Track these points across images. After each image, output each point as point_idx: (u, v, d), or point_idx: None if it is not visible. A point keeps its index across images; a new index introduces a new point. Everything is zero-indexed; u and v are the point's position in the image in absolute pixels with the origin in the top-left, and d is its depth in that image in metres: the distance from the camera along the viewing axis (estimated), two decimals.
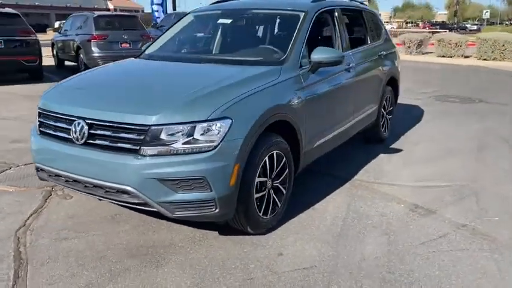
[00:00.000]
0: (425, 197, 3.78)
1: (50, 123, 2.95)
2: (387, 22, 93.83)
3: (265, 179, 3.00)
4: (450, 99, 8.36)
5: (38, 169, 3.06)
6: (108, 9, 71.30)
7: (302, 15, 3.74)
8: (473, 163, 4.66)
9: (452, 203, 3.66)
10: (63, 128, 2.85)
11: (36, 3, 73.32)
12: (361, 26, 4.89)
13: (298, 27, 3.61)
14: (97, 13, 12.20)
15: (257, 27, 4.17)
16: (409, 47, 18.08)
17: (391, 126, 5.72)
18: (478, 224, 3.27)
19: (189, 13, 4.47)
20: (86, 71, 3.71)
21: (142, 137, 2.56)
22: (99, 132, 2.68)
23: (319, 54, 3.41)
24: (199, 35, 4.41)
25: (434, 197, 3.78)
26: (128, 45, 11.12)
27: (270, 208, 3.09)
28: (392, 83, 5.39)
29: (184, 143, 2.55)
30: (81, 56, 11.21)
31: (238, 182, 2.69)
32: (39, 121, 3.07)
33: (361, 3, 5.25)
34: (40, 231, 3.14)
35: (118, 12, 13.86)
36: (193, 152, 2.56)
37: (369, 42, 4.92)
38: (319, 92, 3.55)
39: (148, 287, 2.49)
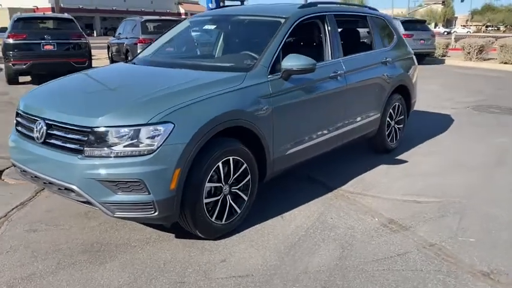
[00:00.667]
0: (405, 212, 3.60)
1: (23, 123, 3.18)
2: (464, 26, 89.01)
3: (220, 184, 3.02)
4: (490, 110, 7.82)
5: (13, 165, 3.30)
6: (180, 14, 74.27)
7: (282, 21, 3.72)
8: (478, 180, 4.35)
9: (432, 220, 3.45)
10: (29, 127, 3.05)
11: (81, 6, 77.97)
12: (363, 32, 4.74)
13: (274, 34, 3.59)
14: (145, 18, 12.78)
15: (241, 33, 4.19)
16: (468, 52, 17.07)
17: (407, 136, 5.51)
18: (448, 244, 3.07)
19: (185, 19, 4.60)
20: (69, 75, 3.92)
21: (86, 139, 2.68)
22: (54, 132, 2.85)
23: (290, 62, 3.37)
24: (188, 40, 4.50)
25: (416, 212, 3.59)
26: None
27: (226, 214, 3.10)
28: (403, 91, 5.16)
29: (125, 146, 2.64)
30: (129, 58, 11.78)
31: (180, 185, 2.74)
32: (15, 120, 3.31)
33: (371, 8, 5.09)
34: (17, 222, 3.38)
35: (166, 17, 14.30)
36: (133, 155, 2.64)
37: (374, 49, 4.76)
38: (293, 100, 3.51)
39: (83, 281, 2.61)
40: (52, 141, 2.85)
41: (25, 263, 2.80)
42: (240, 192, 3.20)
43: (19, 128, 3.22)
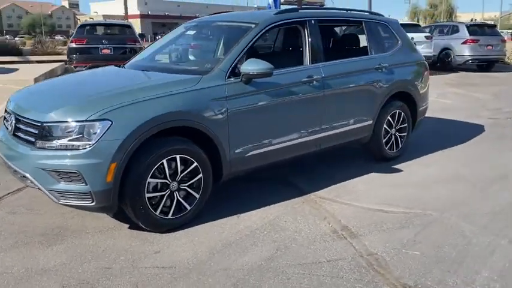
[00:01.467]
0: (365, 220, 3.52)
1: (6, 118, 3.59)
2: None
3: (165, 180, 3.20)
4: None
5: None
6: None
7: (252, 27, 3.82)
8: (465, 194, 4.10)
9: (388, 230, 3.35)
10: (8, 120, 3.45)
11: (166, 13, 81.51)
12: (355, 37, 4.67)
13: (240, 39, 3.70)
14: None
15: (218, 39, 4.34)
16: None
17: (418, 145, 5.37)
18: (389, 255, 2.98)
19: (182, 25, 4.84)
20: (61, 76, 4.32)
21: (37, 132, 3.00)
22: (19, 126, 3.21)
23: (248, 66, 3.46)
24: (177, 44, 4.72)
25: (376, 221, 3.50)
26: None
27: (173, 209, 3.27)
28: (406, 98, 5.00)
29: (68, 140, 2.92)
30: None
31: (117, 179, 2.96)
32: (3, 115, 3.74)
33: (372, 13, 4.99)
34: (4, 205, 3.81)
35: None
36: (73, 149, 2.91)
37: (368, 54, 4.68)
38: (253, 103, 3.59)
39: (26, 260, 2.91)
40: (18, 133, 3.21)
41: None
42: (190, 190, 3.35)
43: (4, 122, 3.64)
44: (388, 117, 4.83)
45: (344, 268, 2.82)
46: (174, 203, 3.28)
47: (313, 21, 4.20)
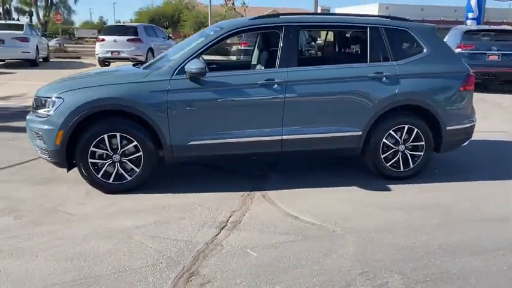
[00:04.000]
0: (267, 221, 3.61)
1: None
2: None
3: (106, 151, 4.04)
4: None
5: None
6: None
7: (218, 30, 4.26)
8: (403, 218, 3.60)
9: (270, 232, 3.40)
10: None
11: (442, 18, 76.74)
12: (355, 44, 4.46)
13: (199, 42, 4.21)
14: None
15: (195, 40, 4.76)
16: None
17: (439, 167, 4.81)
18: (233, 249, 3.13)
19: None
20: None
21: (33, 103, 4.26)
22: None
23: (189, 65, 3.98)
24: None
25: (274, 224, 3.54)
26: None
27: (113, 176, 4.09)
28: (424, 113, 4.47)
29: (42, 110, 4.08)
30: None
31: (64, 143, 3.94)
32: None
33: (392, 18, 4.60)
34: (9, 173, 5.12)
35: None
36: (41, 117, 4.05)
37: (368, 61, 4.42)
38: (195, 98, 4.07)
39: None
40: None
41: None
42: (130, 164, 4.11)
43: None
44: (391, 132, 4.44)
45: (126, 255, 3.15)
46: (114, 171, 4.09)
47: (292, 27, 4.30)
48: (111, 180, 4.11)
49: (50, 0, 28.43)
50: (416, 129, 4.48)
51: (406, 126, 4.46)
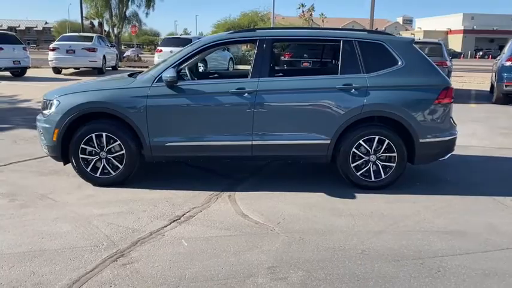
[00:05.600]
0: (217, 217, 3.94)
1: None
2: None
3: (93, 149, 4.60)
4: None
5: None
6: None
7: (196, 43, 4.69)
8: (361, 227, 3.73)
9: (211, 226, 3.73)
10: None
11: (495, 28, 71.55)
12: (324, 57, 4.65)
13: (179, 53, 4.66)
14: None
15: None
16: None
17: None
18: (163, 238, 3.51)
19: None
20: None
21: (41, 106, 4.95)
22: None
23: (165, 74, 4.44)
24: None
25: (221, 220, 3.86)
26: None
27: (100, 171, 4.65)
28: (396, 125, 4.55)
29: (45, 111, 4.74)
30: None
31: (59, 140, 4.55)
32: None
33: (370, 32, 4.73)
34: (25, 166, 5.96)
35: None
36: (44, 116, 4.71)
37: (338, 73, 4.59)
38: (171, 103, 4.50)
39: None
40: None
41: None
42: (114, 160, 4.63)
43: None
44: (361, 142, 4.57)
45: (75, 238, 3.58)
46: (101, 166, 4.64)
47: (266, 40, 4.61)
48: (98, 174, 4.65)
49: (124, 14, 30.68)
50: (387, 140, 4.56)
51: (377, 137, 4.56)
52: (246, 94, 4.49)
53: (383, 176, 4.65)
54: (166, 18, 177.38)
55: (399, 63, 4.60)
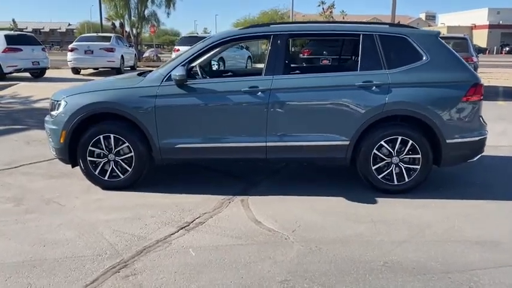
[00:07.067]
0: (228, 224, 3.72)
1: None
2: None
3: (102, 151, 4.42)
4: None
5: None
6: None
7: (207, 40, 4.46)
8: (382, 235, 3.44)
9: (221, 234, 3.51)
10: None
11: None
12: (343, 52, 4.36)
13: (189, 50, 4.44)
14: None
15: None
16: None
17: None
18: (169, 245, 3.30)
19: None
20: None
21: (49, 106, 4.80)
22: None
23: (174, 72, 4.22)
24: None
25: (233, 228, 3.64)
26: None
27: (108, 174, 4.47)
28: (421, 124, 4.25)
29: (53, 111, 4.58)
30: None
31: (66, 142, 4.38)
32: None
33: (391, 25, 4.43)
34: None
35: None
36: (52, 117, 4.55)
37: (358, 70, 4.30)
38: (181, 103, 4.28)
39: None
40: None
41: None
42: (122, 163, 4.45)
43: None
44: (382, 143, 4.27)
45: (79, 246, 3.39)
46: (109, 169, 4.46)
47: (280, 36, 4.35)
48: (106, 177, 4.48)
49: (142, 14, 30.78)
50: (411, 141, 4.25)
51: (400, 138, 4.25)
52: (260, 93, 4.24)
53: (406, 180, 4.34)
54: (186, 18, 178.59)
55: (424, 58, 4.28)
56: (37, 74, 16.01)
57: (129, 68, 19.61)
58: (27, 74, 16.04)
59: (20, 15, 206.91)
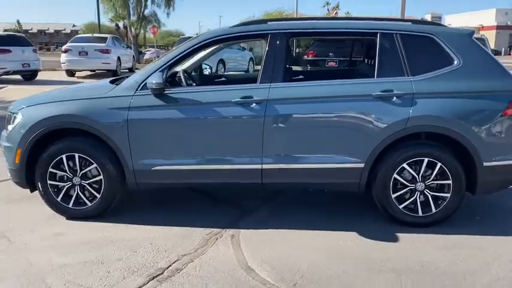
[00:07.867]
0: (210, 268, 2.95)
1: None
2: None
3: (65, 173, 3.67)
4: None
5: None
6: None
7: (192, 40, 3.70)
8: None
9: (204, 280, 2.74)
10: None
11: None
12: (355, 55, 3.59)
13: (170, 53, 3.67)
14: None
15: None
16: None
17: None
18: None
19: None
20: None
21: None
22: None
23: (150, 79, 3.46)
24: None
25: (213, 273, 2.88)
26: None
27: (73, 201, 3.70)
28: (448, 142, 3.48)
29: (9, 126, 3.82)
30: None
31: (23, 162, 3.62)
32: None
33: (415, 22, 3.65)
34: None
35: None
36: (7, 133, 3.78)
37: (375, 76, 3.53)
38: (161, 117, 3.52)
39: None
40: None
41: None
42: (89, 188, 3.69)
43: None
44: (405, 165, 3.49)
45: None
46: (74, 195, 3.70)
47: (279, 35, 3.58)
48: (70, 205, 3.72)
49: (142, 14, 30.06)
50: (439, 164, 3.46)
51: (426, 159, 3.47)
52: (254, 104, 3.47)
53: (433, 210, 3.56)
54: (191, 20, 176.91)
55: (455, 62, 3.50)
56: (28, 76, 15.28)
57: (126, 70, 18.85)
58: (17, 77, 15.31)
59: (25, 16, 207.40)
